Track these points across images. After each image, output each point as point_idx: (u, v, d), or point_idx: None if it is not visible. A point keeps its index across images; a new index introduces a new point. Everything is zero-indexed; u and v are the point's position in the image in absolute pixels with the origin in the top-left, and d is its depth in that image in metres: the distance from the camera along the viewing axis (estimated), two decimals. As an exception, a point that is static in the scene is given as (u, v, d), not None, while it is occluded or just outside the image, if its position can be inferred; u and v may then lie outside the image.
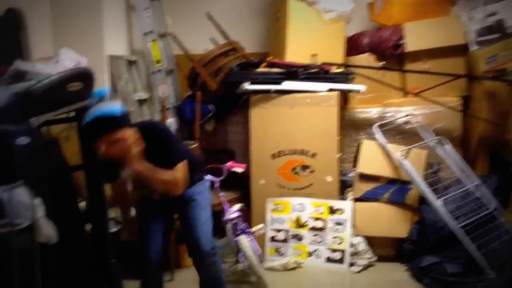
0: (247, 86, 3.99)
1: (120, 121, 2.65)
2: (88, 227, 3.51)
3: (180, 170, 2.79)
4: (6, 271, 2.43)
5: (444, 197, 3.70)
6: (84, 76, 3.12)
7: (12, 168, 2.72)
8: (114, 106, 2.71)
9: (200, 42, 4.66)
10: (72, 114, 3.39)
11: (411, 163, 3.89)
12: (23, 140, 2.70)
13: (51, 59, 3.03)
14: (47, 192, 2.78)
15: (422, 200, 3.92)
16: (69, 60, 3.05)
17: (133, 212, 3.26)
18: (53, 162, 3.28)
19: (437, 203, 3.70)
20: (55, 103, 2.94)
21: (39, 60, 2.99)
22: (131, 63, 4.63)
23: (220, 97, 4.42)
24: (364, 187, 4.04)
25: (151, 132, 2.77)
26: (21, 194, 2.59)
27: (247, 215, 4.01)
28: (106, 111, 2.64)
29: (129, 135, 2.67)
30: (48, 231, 2.67)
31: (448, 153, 3.99)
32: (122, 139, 2.64)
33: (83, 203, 3.70)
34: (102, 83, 4.12)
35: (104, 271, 3.38)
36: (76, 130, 3.45)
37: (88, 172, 3.42)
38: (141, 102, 4.52)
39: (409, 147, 3.95)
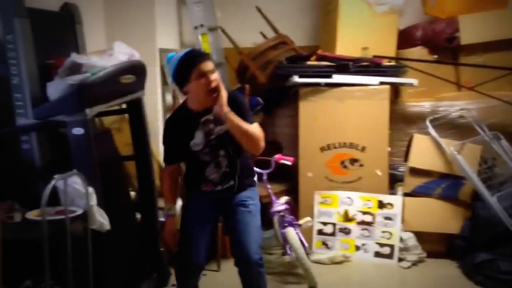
0: (297, 79, 3.98)
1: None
2: (138, 216, 3.59)
3: (259, 131, 2.68)
4: (60, 257, 2.50)
5: (499, 193, 3.60)
6: (137, 69, 3.19)
7: (67, 157, 2.82)
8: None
9: (249, 36, 4.68)
10: (124, 106, 3.50)
11: (464, 158, 3.79)
12: (78, 131, 2.79)
13: (105, 52, 3.09)
14: (100, 181, 2.86)
15: (475, 196, 3.82)
16: (122, 53, 3.10)
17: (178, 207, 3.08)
18: (106, 152, 3.34)
19: (492, 199, 3.60)
20: (108, 95, 3.02)
21: (94, 53, 3.06)
22: (181, 56, 4.69)
23: (268, 90, 4.43)
24: (415, 182, 3.96)
25: (231, 97, 2.63)
26: (76, 182, 2.67)
27: (294, 208, 3.99)
28: (195, 48, 2.66)
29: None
30: (100, 219, 2.74)
31: (504, 148, 3.87)
32: (215, 72, 2.58)
33: (133, 193, 3.80)
34: (153, 76, 4.21)
35: (152, 259, 3.44)
36: (130, 120, 3.52)
37: (139, 163, 3.50)
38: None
39: (463, 141, 3.86)
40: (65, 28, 3.44)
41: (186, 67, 2.54)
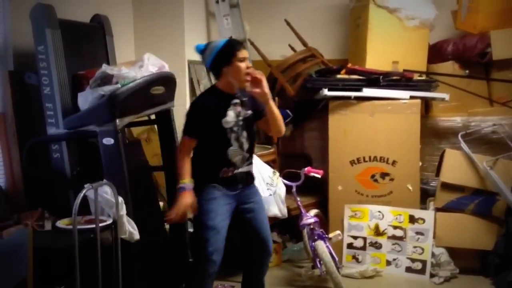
0: (326, 92, 3.96)
1: None
2: (167, 226, 3.58)
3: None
4: (90, 266, 2.50)
5: (533, 210, 3.53)
6: (167, 81, 3.22)
7: (98, 167, 2.83)
8: None
9: (278, 48, 4.70)
10: (153, 116, 3.51)
11: (498, 173, 3.73)
12: (108, 141, 2.80)
13: (136, 63, 3.12)
14: (130, 191, 2.86)
15: (509, 212, 3.74)
16: (152, 64, 3.12)
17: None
18: (136, 162, 3.35)
19: (527, 216, 3.53)
20: (138, 106, 3.05)
21: (124, 64, 3.09)
22: (210, 68, 4.71)
23: (297, 102, 4.42)
24: (447, 197, 3.89)
25: None
26: (106, 192, 2.67)
27: (323, 221, 3.96)
28: None
29: None
30: (130, 228, 2.75)
31: (538, 164, 3.79)
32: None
33: (161, 204, 3.79)
34: (182, 87, 4.23)
35: (182, 270, 3.42)
36: (159, 130, 3.53)
37: (168, 173, 3.49)
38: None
39: (496, 157, 3.80)
40: (95, 39, 3.50)
41: (230, 50, 2.80)
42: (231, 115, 2.85)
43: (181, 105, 4.17)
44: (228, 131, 2.85)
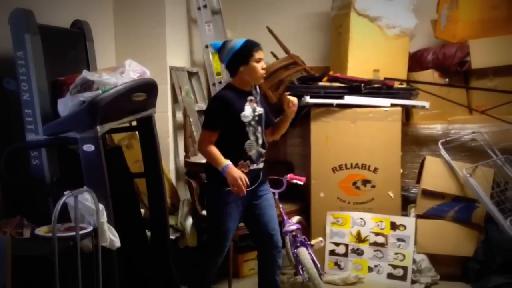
0: (309, 99, 3.97)
1: None
2: (148, 233, 3.54)
3: None
4: (70, 274, 2.45)
5: (512, 217, 3.58)
6: (148, 87, 3.18)
7: (78, 173, 2.79)
8: None
9: (260, 56, 4.69)
10: (134, 123, 3.48)
11: (477, 181, 3.78)
12: (89, 147, 2.76)
13: (117, 69, 3.09)
14: (111, 198, 2.83)
15: (489, 219, 3.80)
16: (133, 71, 3.09)
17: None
18: (117, 168, 3.32)
19: (505, 222, 3.59)
20: (120, 112, 3.01)
21: (105, 70, 3.06)
22: (192, 74, 4.70)
23: (280, 109, 4.41)
24: (427, 204, 3.93)
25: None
26: (86, 199, 2.63)
27: (306, 228, 3.96)
28: None
29: None
30: (111, 236, 2.71)
31: (517, 172, 3.85)
32: None
33: (143, 211, 3.75)
34: (164, 93, 4.20)
35: (163, 278, 3.38)
36: (140, 137, 3.50)
37: (150, 180, 3.47)
38: (201, 112, 4.57)
39: (475, 164, 3.85)
40: (76, 45, 3.46)
41: (248, 51, 3.00)
42: (248, 110, 3.02)
43: (163, 112, 4.16)
44: (247, 125, 3.01)
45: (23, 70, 2.84)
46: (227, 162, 2.94)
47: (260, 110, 3.11)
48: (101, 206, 2.66)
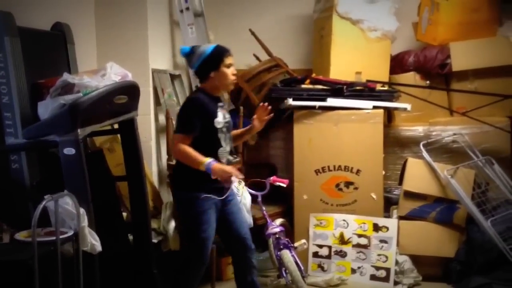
0: (291, 102, 3.98)
1: None
2: (130, 237, 3.52)
3: None
4: (51, 279, 2.43)
5: (493, 218, 3.62)
6: (130, 90, 3.17)
7: (59, 177, 2.76)
8: None
9: (243, 58, 4.68)
10: (116, 126, 3.46)
11: (458, 182, 3.82)
12: (69, 151, 2.74)
13: (98, 72, 3.07)
14: (92, 201, 2.80)
15: (470, 219, 3.83)
16: (115, 73, 3.08)
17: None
18: (98, 172, 3.29)
19: (486, 223, 3.61)
20: (101, 115, 3.00)
21: (86, 73, 3.04)
22: (174, 77, 4.68)
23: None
24: (409, 205, 3.96)
25: None
26: (66, 203, 2.61)
27: (289, 230, 3.96)
28: None
29: None
30: (92, 240, 2.68)
31: (497, 173, 3.90)
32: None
33: (125, 214, 3.72)
34: (146, 96, 4.18)
35: (146, 281, 3.36)
36: (122, 140, 3.48)
37: (132, 183, 3.44)
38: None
39: (456, 166, 3.89)
40: (56, 47, 3.43)
41: (218, 56, 2.95)
42: (220, 116, 2.97)
43: (145, 114, 4.12)
44: (219, 131, 2.96)
45: (2, 72, 2.81)
46: (209, 159, 2.83)
47: (228, 117, 3.06)
48: (82, 210, 2.63)
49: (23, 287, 2.46)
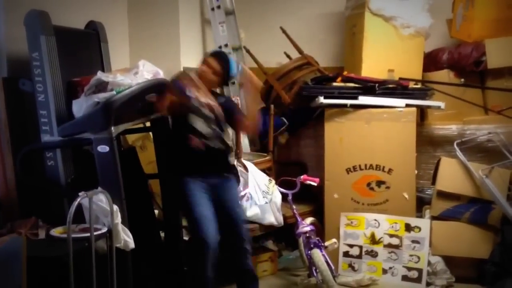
0: (322, 100, 3.95)
1: None
2: (162, 235, 3.55)
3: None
4: (85, 275, 2.46)
5: (529, 219, 3.54)
6: (162, 88, 3.18)
7: (92, 174, 2.80)
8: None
9: (274, 56, 4.70)
10: (148, 124, 3.49)
11: (493, 182, 3.73)
12: (103, 148, 2.77)
13: (131, 70, 3.10)
14: (126, 199, 2.83)
15: (505, 220, 3.74)
16: (147, 71, 3.11)
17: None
18: (131, 169, 3.33)
19: (522, 224, 3.53)
20: (134, 113, 3.03)
21: (119, 71, 3.07)
22: (205, 75, 4.70)
23: (293, 110, 4.41)
24: (443, 205, 3.89)
25: None
26: (101, 200, 2.64)
27: (319, 229, 3.94)
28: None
29: None
30: (125, 237, 2.71)
31: (534, 173, 3.80)
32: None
33: (156, 212, 3.76)
34: (178, 94, 4.21)
35: (177, 278, 3.39)
36: (154, 138, 3.51)
37: (163, 181, 3.47)
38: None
39: (491, 165, 3.80)
40: (90, 46, 3.48)
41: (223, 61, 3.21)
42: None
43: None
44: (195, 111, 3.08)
45: (38, 71, 2.86)
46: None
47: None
48: (115, 207, 2.67)
49: (58, 282, 2.50)
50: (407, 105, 3.98)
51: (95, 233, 2.54)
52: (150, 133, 3.67)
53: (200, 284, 3.03)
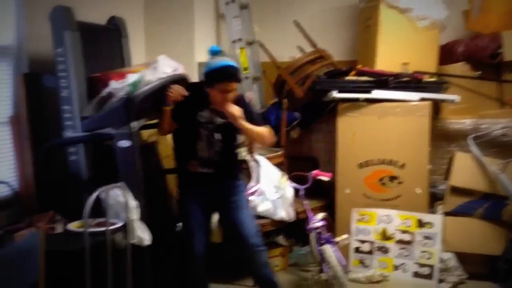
0: (335, 94, 3.94)
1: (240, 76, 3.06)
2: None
3: (267, 130, 3.05)
4: (101, 268, 2.53)
5: (544, 215, 3.51)
6: (182, 82, 3.20)
7: (113, 169, 2.85)
8: (235, 63, 2.98)
9: (287, 50, 4.69)
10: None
11: (508, 177, 3.69)
12: (124, 143, 2.82)
13: (150, 65, 3.13)
14: (145, 194, 2.87)
15: (520, 217, 3.71)
16: (166, 66, 3.13)
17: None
18: (151, 164, 3.37)
19: (537, 221, 3.50)
20: (154, 108, 3.04)
21: (139, 66, 3.10)
22: (219, 69, 4.72)
23: (306, 104, 4.41)
24: (456, 201, 3.87)
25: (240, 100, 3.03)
26: (119, 195, 2.69)
27: (331, 225, 3.95)
28: (234, 64, 2.94)
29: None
30: (140, 234, 2.76)
31: (550, 168, 3.75)
32: (235, 90, 2.93)
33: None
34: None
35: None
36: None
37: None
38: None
39: (506, 160, 3.76)
40: (112, 41, 3.50)
41: (215, 78, 2.86)
42: (206, 114, 2.98)
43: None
44: (203, 125, 2.97)
45: (63, 66, 2.89)
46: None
47: (221, 120, 2.99)
48: (134, 203, 2.71)
49: (75, 276, 2.56)
50: (422, 99, 3.94)
51: (111, 227, 2.59)
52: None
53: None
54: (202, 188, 3.04)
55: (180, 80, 3.16)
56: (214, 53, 2.96)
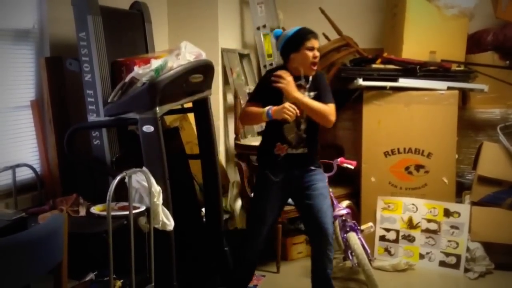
0: (361, 82, 3.90)
1: None
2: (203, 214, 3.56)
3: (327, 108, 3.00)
4: (123, 251, 2.50)
5: None
6: (206, 69, 3.17)
7: (137, 154, 2.83)
8: None
9: (312, 37, 4.62)
10: (189, 105, 3.49)
11: (538, 168, 3.63)
12: (148, 128, 2.79)
13: (173, 51, 3.10)
14: (169, 178, 2.86)
15: (549, 208, 3.64)
16: (189, 52, 3.10)
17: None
18: (174, 149, 3.35)
19: None
20: (178, 94, 3.01)
21: (162, 52, 3.07)
22: (243, 56, 4.70)
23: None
24: (483, 191, 3.80)
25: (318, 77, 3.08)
26: (143, 179, 2.67)
27: (355, 213, 3.92)
28: None
29: None
30: (164, 219, 2.73)
31: None
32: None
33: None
34: (216, 76, 4.19)
35: (217, 258, 3.41)
36: (196, 118, 3.50)
37: (205, 161, 3.48)
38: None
39: (535, 150, 3.69)
40: (135, 26, 3.46)
41: (300, 38, 2.97)
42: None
43: (214, 94, 4.15)
44: None
45: (85, 51, 2.86)
46: (268, 106, 2.89)
47: (309, 94, 2.99)
48: (157, 188, 2.69)
49: (98, 259, 2.55)
50: (449, 88, 3.89)
51: (134, 211, 2.58)
52: (187, 114, 3.67)
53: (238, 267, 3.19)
54: (287, 173, 3.02)
55: (204, 66, 3.14)
56: (279, 34, 3.09)
